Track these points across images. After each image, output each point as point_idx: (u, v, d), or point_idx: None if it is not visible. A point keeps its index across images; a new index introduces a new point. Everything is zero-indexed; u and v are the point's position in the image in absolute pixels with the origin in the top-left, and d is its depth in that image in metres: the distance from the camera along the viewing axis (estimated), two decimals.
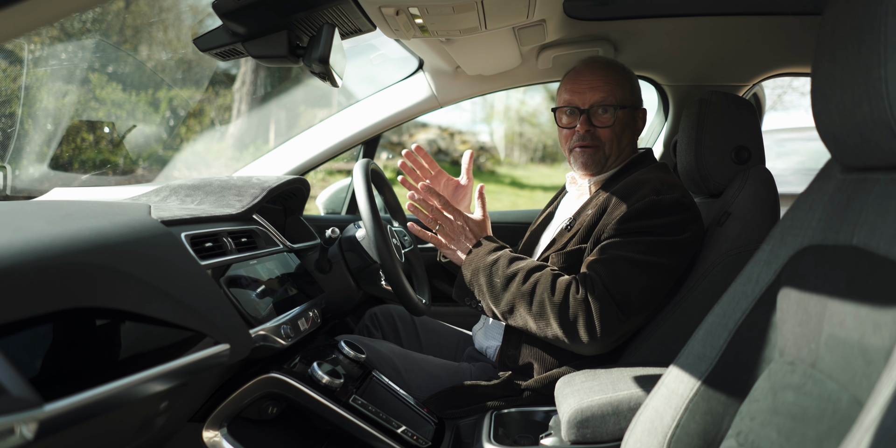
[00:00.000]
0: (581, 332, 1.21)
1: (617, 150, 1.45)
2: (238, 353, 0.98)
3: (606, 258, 1.26)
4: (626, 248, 1.26)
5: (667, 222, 1.28)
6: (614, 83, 1.43)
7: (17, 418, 0.60)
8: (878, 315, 0.63)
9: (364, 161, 1.48)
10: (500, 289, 1.29)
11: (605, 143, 1.43)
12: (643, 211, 1.29)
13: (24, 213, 0.87)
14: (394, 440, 1.21)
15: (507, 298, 1.28)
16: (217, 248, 1.16)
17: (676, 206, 1.30)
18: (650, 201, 1.29)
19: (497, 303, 1.30)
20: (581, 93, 1.43)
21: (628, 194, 1.34)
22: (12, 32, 0.65)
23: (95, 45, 5.06)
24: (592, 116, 1.42)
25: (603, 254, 1.27)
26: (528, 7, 1.34)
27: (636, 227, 1.28)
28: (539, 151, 15.38)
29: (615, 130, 1.43)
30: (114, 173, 5.10)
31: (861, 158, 0.72)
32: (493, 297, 1.31)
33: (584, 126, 1.42)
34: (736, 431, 0.79)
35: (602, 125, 1.42)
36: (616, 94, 1.42)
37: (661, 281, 1.27)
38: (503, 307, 1.30)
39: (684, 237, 1.29)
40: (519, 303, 1.27)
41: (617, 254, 1.25)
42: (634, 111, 1.48)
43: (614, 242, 1.28)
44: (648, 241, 1.26)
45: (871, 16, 0.64)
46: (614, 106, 1.41)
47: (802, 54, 1.89)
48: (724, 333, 0.85)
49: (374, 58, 2.02)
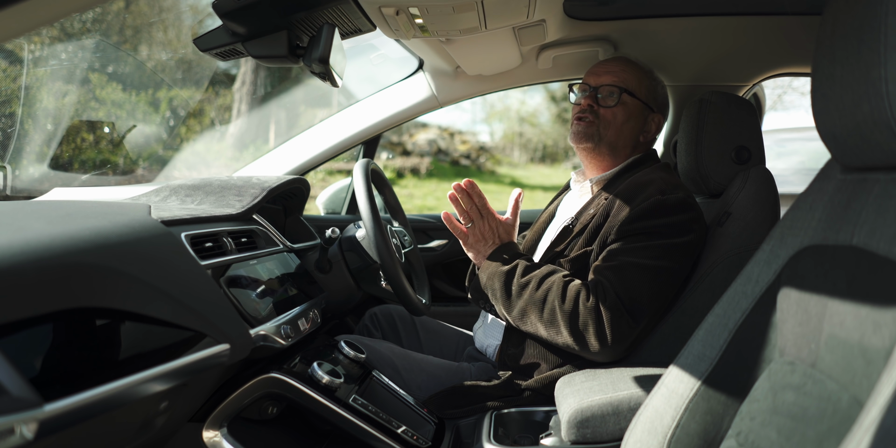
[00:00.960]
0: (592, 340, 1.22)
1: (613, 135, 1.46)
2: (238, 353, 0.98)
3: (616, 265, 1.26)
4: (635, 253, 1.26)
5: (672, 222, 1.29)
6: (630, 73, 1.47)
7: (17, 418, 0.60)
8: (878, 315, 0.63)
9: (364, 161, 1.48)
10: (515, 295, 1.30)
11: (602, 121, 1.46)
12: (648, 211, 1.29)
13: (24, 213, 0.87)
14: (394, 440, 1.21)
15: (520, 305, 1.29)
16: (217, 248, 1.16)
17: (681, 205, 1.30)
18: (655, 201, 1.30)
19: (510, 309, 1.32)
20: (597, 75, 1.49)
21: (633, 195, 1.34)
22: (12, 32, 0.65)
23: (95, 45, 5.06)
24: (599, 94, 1.47)
25: (612, 259, 1.27)
26: (528, 7, 1.34)
27: (642, 227, 1.28)
28: (539, 151, 15.38)
29: (616, 113, 1.45)
30: (114, 173, 5.10)
31: (861, 158, 0.72)
32: (507, 303, 1.32)
33: (587, 100, 1.47)
34: (736, 431, 0.79)
35: (605, 105, 1.46)
36: (627, 82, 1.46)
37: (670, 285, 1.28)
38: (515, 313, 1.31)
39: (690, 239, 1.30)
40: (531, 310, 1.28)
41: (626, 260, 1.26)
42: (646, 109, 1.48)
43: (622, 246, 1.28)
44: (657, 245, 1.27)
45: (871, 16, 0.64)
46: (620, 88, 1.45)
47: (802, 54, 1.89)
48: (725, 333, 0.85)
49: (374, 58, 2.02)
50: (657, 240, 1.27)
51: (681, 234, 1.29)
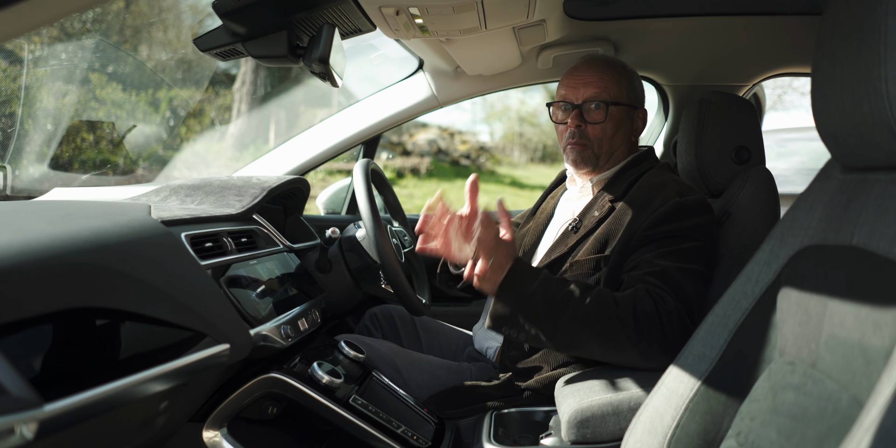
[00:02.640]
0: (658, 347, 1.14)
1: (608, 148, 1.42)
2: (238, 353, 0.98)
3: (658, 271, 1.20)
4: (670, 257, 1.22)
5: (694, 224, 1.26)
6: (609, 80, 1.41)
7: (17, 418, 0.60)
8: (878, 315, 0.63)
9: (364, 161, 1.48)
10: (557, 316, 1.15)
11: (594, 141, 1.41)
12: (670, 214, 1.27)
13: (24, 213, 0.87)
14: (394, 440, 1.21)
15: (565, 326, 1.14)
16: (217, 248, 1.16)
17: (700, 207, 1.29)
18: (675, 204, 1.27)
19: (553, 332, 1.14)
20: (575, 88, 1.42)
21: (648, 199, 1.31)
22: (12, 32, 0.65)
23: (95, 45, 5.06)
24: (584, 112, 1.41)
25: (651, 265, 1.22)
26: (528, 7, 1.34)
27: (666, 231, 1.26)
28: (539, 151, 15.38)
29: (606, 128, 1.40)
30: (114, 173, 5.11)
31: (861, 158, 0.72)
32: (550, 326, 1.14)
33: (574, 121, 1.41)
34: (736, 431, 0.79)
35: (592, 121, 1.40)
36: (610, 91, 1.40)
37: (706, 289, 1.24)
38: (561, 336, 1.14)
39: (711, 241, 1.29)
40: (581, 329, 1.14)
41: (666, 264, 1.21)
42: (631, 110, 1.45)
43: (655, 252, 1.24)
44: (686, 248, 1.24)
45: (871, 16, 0.64)
46: (606, 102, 1.39)
47: (802, 54, 1.89)
48: (725, 333, 0.85)
49: (374, 58, 2.02)
50: (683, 244, 1.24)
51: (704, 238, 1.27)
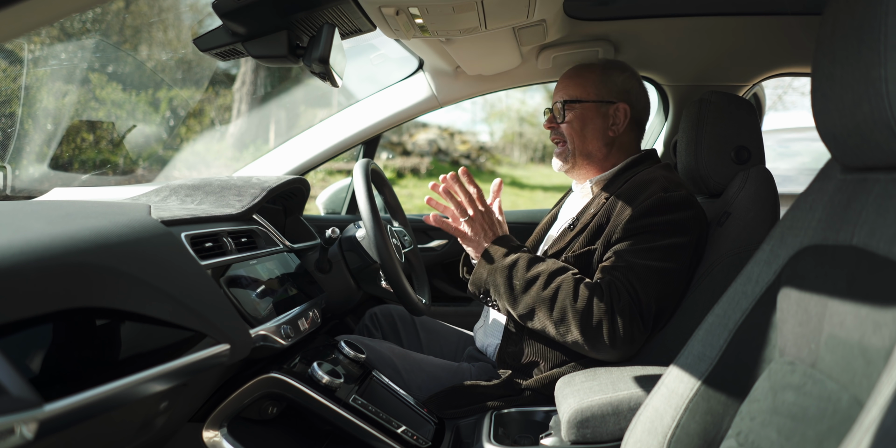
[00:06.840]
0: (603, 340, 1.22)
1: (580, 143, 1.48)
2: (238, 353, 0.98)
3: (625, 266, 1.26)
4: (642, 254, 1.26)
5: (675, 219, 1.29)
6: (573, 82, 1.50)
7: (17, 418, 0.60)
8: (878, 315, 0.63)
9: (364, 161, 1.48)
10: (520, 291, 1.29)
11: (567, 138, 1.50)
12: (651, 208, 1.29)
13: (24, 213, 0.87)
14: (394, 440, 1.21)
15: (527, 301, 1.28)
16: (217, 248, 1.16)
17: (684, 203, 1.31)
18: (658, 198, 1.30)
19: (515, 305, 1.29)
20: (553, 94, 1.55)
21: (635, 193, 1.34)
22: (12, 32, 0.65)
23: (95, 45, 5.06)
24: (556, 113, 1.52)
25: (620, 260, 1.27)
26: (528, 7, 1.34)
27: (645, 225, 1.28)
28: (539, 151, 15.37)
29: (574, 126, 1.48)
30: (114, 173, 5.10)
31: (861, 158, 0.72)
32: (512, 298, 1.30)
33: (547, 123, 1.54)
34: (736, 431, 0.79)
35: (561, 121, 1.51)
36: (570, 91, 1.49)
37: (676, 286, 1.29)
38: (521, 310, 1.29)
39: (692, 238, 1.30)
40: (539, 307, 1.26)
41: (634, 261, 1.26)
42: (603, 105, 1.46)
43: (629, 247, 1.28)
44: (662, 245, 1.27)
45: (871, 16, 0.64)
46: (563, 102, 1.49)
47: (802, 54, 1.89)
48: (725, 333, 0.85)
49: (374, 58, 2.02)
50: (661, 240, 1.27)
51: (683, 233, 1.29)
